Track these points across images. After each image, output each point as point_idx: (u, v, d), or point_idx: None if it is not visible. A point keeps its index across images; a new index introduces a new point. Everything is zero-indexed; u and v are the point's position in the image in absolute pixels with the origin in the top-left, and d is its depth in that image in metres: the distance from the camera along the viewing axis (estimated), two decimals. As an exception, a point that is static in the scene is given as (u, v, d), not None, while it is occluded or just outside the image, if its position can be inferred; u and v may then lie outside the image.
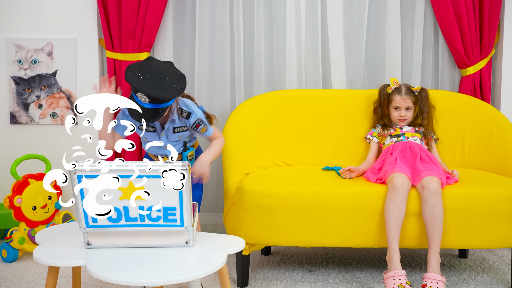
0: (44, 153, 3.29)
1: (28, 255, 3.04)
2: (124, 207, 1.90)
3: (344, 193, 2.47)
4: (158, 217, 1.93)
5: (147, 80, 2.18)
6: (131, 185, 1.88)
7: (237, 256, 2.60)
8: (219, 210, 3.39)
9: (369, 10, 3.26)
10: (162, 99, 2.17)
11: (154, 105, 2.19)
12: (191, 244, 1.96)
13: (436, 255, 2.40)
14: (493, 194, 2.44)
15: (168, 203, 1.92)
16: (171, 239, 1.95)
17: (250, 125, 2.95)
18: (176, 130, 2.40)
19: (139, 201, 1.88)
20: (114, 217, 1.92)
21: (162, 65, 2.28)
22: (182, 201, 1.92)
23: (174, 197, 1.91)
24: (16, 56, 3.28)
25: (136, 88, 2.16)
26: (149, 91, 2.15)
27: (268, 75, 3.32)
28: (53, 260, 1.84)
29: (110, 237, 1.94)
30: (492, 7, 3.14)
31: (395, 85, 2.90)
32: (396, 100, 2.87)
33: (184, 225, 1.93)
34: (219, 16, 3.27)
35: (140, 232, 1.94)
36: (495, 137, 2.85)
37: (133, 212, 1.92)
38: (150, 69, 2.22)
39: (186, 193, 1.90)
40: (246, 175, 2.73)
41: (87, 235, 1.93)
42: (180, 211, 1.93)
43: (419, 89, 2.90)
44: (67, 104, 3.30)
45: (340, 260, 2.95)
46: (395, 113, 2.88)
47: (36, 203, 2.97)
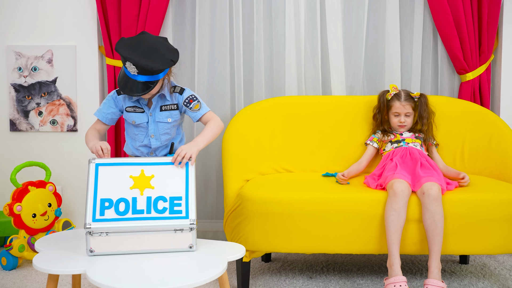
0: (44, 160, 3.29)
1: (28, 263, 3.03)
2: (133, 197, 1.99)
3: (344, 199, 2.47)
4: (164, 208, 1.99)
5: (137, 50, 2.15)
6: (143, 174, 2.01)
7: (238, 263, 2.59)
8: (219, 217, 3.38)
9: (368, 16, 3.27)
10: (150, 69, 2.13)
11: (144, 77, 2.15)
12: (194, 249, 1.96)
13: (437, 261, 2.39)
14: (494, 199, 2.44)
15: (175, 193, 2.00)
16: (174, 243, 1.95)
17: (250, 131, 2.95)
18: (164, 108, 2.32)
19: (148, 190, 2.00)
20: (122, 210, 1.97)
21: (155, 38, 2.25)
22: (188, 191, 2.02)
23: (181, 186, 2.01)
24: (16, 63, 3.29)
25: (125, 57, 2.13)
26: (138, 61, 2.11)
27: (268, 82, 3.33)
28: (53, 268, 1.84)
29: (114, 243, 1.94)
30: (491, 13, 3.15)
31: (394, 91, 2.90)
32: (395, 106, 2.88)
33: (188, 217, 1.96)
34: (218, 23, 3.27)
35: (144, 237, 1.94)
36: (495, 142, 2.85)
37: (141, 203, 1.97)
38: (142, 41, 2.20)
39: (192, 184, 2.02)
40: (246, 182, 2.73)
41: (90, 240, 1.94)
42: (186, 201, 2.00)
43: (419, 95, 2.90)
44: (67, 111, 3.30)
45: (340, 266, 2.95)
46: (394, 119, 2.89)
47: (36, 211, 2.96)
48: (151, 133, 2.34)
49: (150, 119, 2.33)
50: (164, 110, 2.33)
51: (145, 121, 2.33)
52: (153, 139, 2.35)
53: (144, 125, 2.34)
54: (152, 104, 2.32)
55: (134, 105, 2.33)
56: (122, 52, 2.14)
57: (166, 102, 2.33)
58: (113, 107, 2.37)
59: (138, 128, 2.36)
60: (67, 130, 3.32)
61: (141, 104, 2.33)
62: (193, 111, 2.35)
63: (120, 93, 2.35)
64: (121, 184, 2.01)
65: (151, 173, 2.05)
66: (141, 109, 2.33)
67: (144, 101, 2.33)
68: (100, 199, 2.00)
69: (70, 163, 3.33)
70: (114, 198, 2.00)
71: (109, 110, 2.37)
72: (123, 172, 2.03)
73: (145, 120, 2.33)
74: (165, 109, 2.33)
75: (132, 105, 2.34)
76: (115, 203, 1.99)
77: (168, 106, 2.33)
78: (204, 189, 3.38)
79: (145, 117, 2.33)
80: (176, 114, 2.37)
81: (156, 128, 2.34)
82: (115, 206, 1.98)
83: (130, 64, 2.13)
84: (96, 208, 1.98)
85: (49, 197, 3.03)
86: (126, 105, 2.35)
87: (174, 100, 2.34)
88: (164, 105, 2.33)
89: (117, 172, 2.02)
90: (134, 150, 2.41)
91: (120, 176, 2.03)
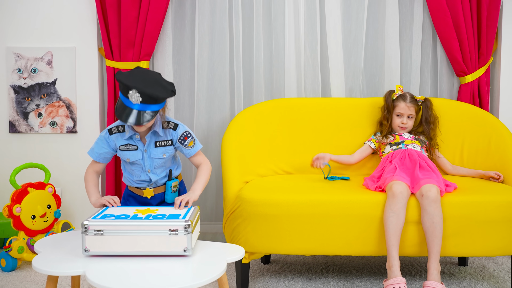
0: (43, 161, 3.29)
1: (27, 264, 3.03)
2: (134, 214, 2.07)
3: (343, 201, 2.47)
4: (163, 215, 2.06)
5: (140, 80, 2.15)
6: (148, 209, 2.16)
7: (237, 264, 2.59)
8: (218, 219, 3.39)
9: (368, 18, 3.28)
10: (156, 97, 2.13)
11: (144, 106, 2.15)
12: (189, 253, 1.96)
13: (436, 263, 2.39)
14: (493, 201, 2.44)
15: (175, 212, 2.14)
16: (170, 247, 1.95)
17: (250, 133, 2.95)
18: (158, 144, 2.31)
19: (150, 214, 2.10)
20: (122, 217, 2.04)
21: (151, 72, 2.27)
22: (189, 210, 2.16)
23: (182, 211, 2.14)
24: (16, 65, 3.29)
25: (129, 86, 2.12)
26: (143, 88, 2.12)
27: (268, 84, 3.33)
28: (52, 269, 1.84)
29: (109, 243, 1.95)
30: (490, 15, 3.16)
31: (400, 92, 2.91)
32: (400, 106, 2.88)
33: (185, 218, 2.01)
34: (218, 25, 3.28)
35: (139, 238, 1.95)
36: (494, 144, 2.86)
37: (141, 217, 2.05)
38: (141, 72, 2.21)
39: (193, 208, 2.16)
40: (245, 184, 2.73)
41: (85, 239, 1.94)
42: (185, 214, 2.10)
43: (423, 99, 2.91)
44: (66, 113, 3.30)
45: (340, 268, 2.95)
46: (397, 120, 2.89)
47: (35, 212, 2.96)
48: (147, 169, 2.34)
49: (145, 155, 2.31)
50: (159, 146, 2.32)
51: (140, 158, 2.32)
52: (150, 173, 2.35)
53: (139, 162, 2.33)
54: (146, 141, 2.30)
55: (127, 143, 2.32)
56: (126, 81, 2.13)
57: (159, 138, 2.32)
58: (105, 147, 2.34)
59: (134, 165, 2.34)
60: (66, 132, 3.32)
61: (134, 141, 2.31)
62: (187, 148, 2.36)
63: (112, 133, 2.33)
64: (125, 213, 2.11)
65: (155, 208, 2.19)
66: (135, 146, 2.31)
67: (136, 138, 2.31)
68: (103, 214, 2.08)
69: (69, 165, 3.33)
70: (116, 214, 2.09)
71: (102, 150, 2.35)
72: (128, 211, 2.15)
73: (139, 157, 2.32)
74: (159, 145, 2.32)
75: (125, 143, 2.32)
76: (116, 216, 2.05)
77: (163, 142, 2.32)
78: (203, 191, 3.37)
79: (139, 154, 2.32)
80: (171, 150, 2.35)
81: (152, 163, 2.33)
82: (116, 217, 2.03)
83: (134, 92, 2.12)
84: (98, 216, 2.06)
85: (48, 199, 3.03)
86: (119, 144, 2.32)
87: (168, 136, 2.33)
88: (158, 141, 2.32)
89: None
90: (134, 183, 2.40)
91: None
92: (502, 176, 2.71)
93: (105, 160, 2.39)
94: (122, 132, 2.31)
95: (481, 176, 2.79)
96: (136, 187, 2.40)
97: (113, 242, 1.95)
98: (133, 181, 2.39)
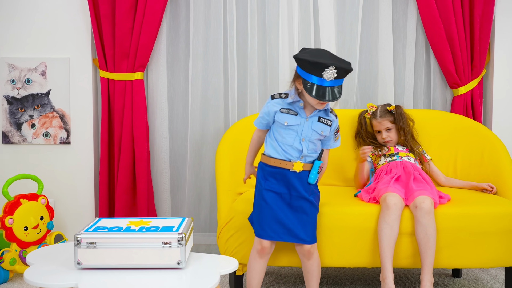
0: (36, 173, 3.28)
1: (19, 276, 3.01)
2: (127, 226, 2.05)
3: (337, 213, 2.47)
4: (156, 227, 2.04)
5: (326, 57, 2.19)
6: (141, 220, 2.13)
7: (231, 276, 2.58)
8: (212, 230, 3.37)
9: (362, 30, 3.29)
10: (351, 69, 2.18)
11: (335, 82, 2.18)
12: (183, 266, 1.95)
13: (429, 275, 2.39)
14: (486, 213, 2.45)
15: (169, 224, 2.12)
16: (163, 260, 1.94)
17: (244, 144, 2.94)
18: (322, 120, 2.34)
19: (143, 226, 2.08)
20: (114, 230, 2.02)
21: (322, 49, 2.32)
22: (183, 221, 2.15)
23: (177, 221, 2.14)
24: (10, 75, 3.28)
25: (326, 64, 2.14)
26: (338, 64, 2.15)
27: (262, 95, 3.33)
28: (45, 281, 1.83)
29: (102, 256, 1.94)
30: (483, 28, 3.18)
31: (372, 110, 2.93)
32: (374, 124, 2.91)
33: (179, 230, 2.00)
34: (212, 36, 3.29)
35: (132, 251, 1.94)
36: (487, 156, 2.87)
37: (134, 229, 2.03)
38: (317, 51, 2.25)
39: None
40: (239, 195, 2.73)
41: (78, 252, 1.93)
42: (179, 225, 2.08)
43: (394, 108, 2.91)
44: (60, 123, 3.30)
45: (334, 280, 2.94)
46: (378, 137, 2.92)
47: (28, 224, 2.94)
48: (302, 137, 2.33)
49: (305, 124, 2.32)
50: (322, 122, 2.34)
51: (297, 123, 2.32)
52: (304, 142, 2.33)
53: (294, 128, 2.32)
54: (311, 113, 2.33)
55: (288, 108, 2.33)
56: (322, 60, 2.16)
57: (325, 116, 2.36)
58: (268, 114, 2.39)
59: (289, 129, 2.33)
60: (60, 143, 3.31)
61: (296, 108, 2.33)
62: (334, 140, 2.43)
63: (274, 98, 2.37)
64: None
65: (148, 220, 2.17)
66: (295, 112, 2.33)
67: (300, 106, 2.32)
68: (96, 227, 2.06)
69: (62, 176, 3.31)
70: (109, 226, 2.07)
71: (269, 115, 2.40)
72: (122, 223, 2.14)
73: (297, 122, 2.32)
74: (322, 122, 2.34)
75: (287, 107, 2.34)
76: (109, 229, 2.03)
77: (326, 120, 2.35)
78: (197, 203, 3.37)
79: (297, 120, 2.32)
80: (327, 131, 2.37)
81: (310, 134, 2.33)
82: (108, 229, 2.02)
83: (331, 69, 2.14)
84: (90, 228, 2.04)
85: (41, 210, 3.02)
86: (279, 107, 2.34)
87: (332, 118, 2.37)
88: (323, 117, 2.35)
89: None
90: (283, 155, 2.34)
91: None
92: (495, 188, 2.72)
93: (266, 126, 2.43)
94: (284, 98, 2.35)
95: (474, 188, 2.80)
96: (285, 160, 2.35)
97: (106, 254, 1.93)
98: (283, 151, 2.34)
